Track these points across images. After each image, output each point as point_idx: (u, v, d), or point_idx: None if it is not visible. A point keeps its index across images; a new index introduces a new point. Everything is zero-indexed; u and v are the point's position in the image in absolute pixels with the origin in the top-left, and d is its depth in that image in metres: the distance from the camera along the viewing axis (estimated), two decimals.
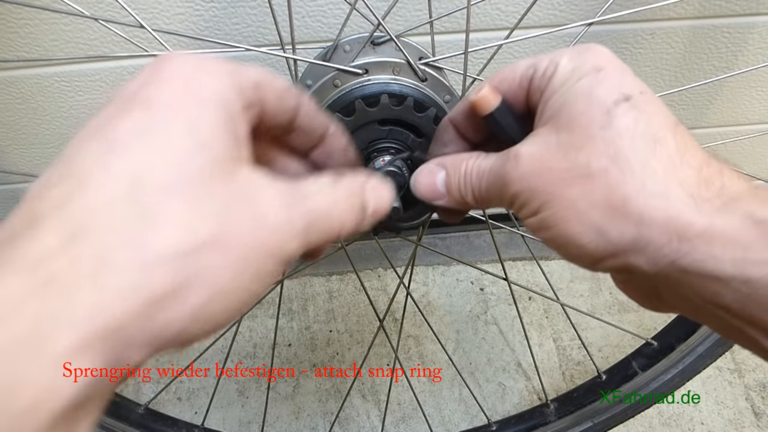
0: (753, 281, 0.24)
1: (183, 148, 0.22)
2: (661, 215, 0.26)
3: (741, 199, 0.26)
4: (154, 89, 0.23)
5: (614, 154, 0.27)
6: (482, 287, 1.03)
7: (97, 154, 0.22)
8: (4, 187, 0.86)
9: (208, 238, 0.22)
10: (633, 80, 0.29)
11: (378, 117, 0.42)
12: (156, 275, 0.20)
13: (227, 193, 0.23)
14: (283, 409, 0.91)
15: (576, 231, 0.28)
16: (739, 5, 0.72)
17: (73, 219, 0.20)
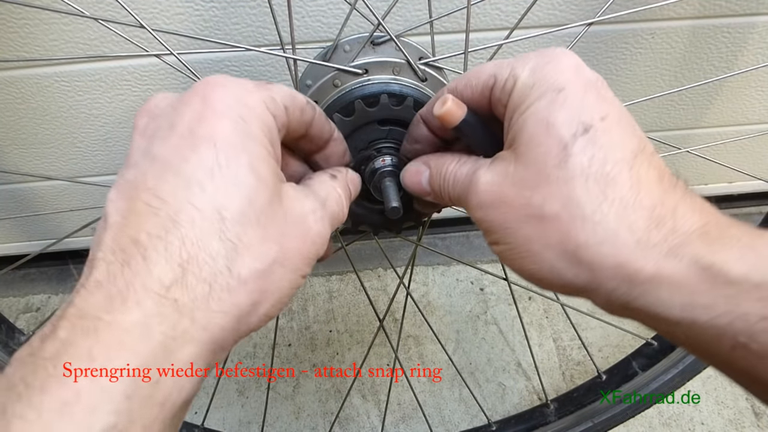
0: (699, 324, 0.25)
1: (249, 184, 0.27)
2: (610, 261, 0.27)
3: (689, 243, 0.26)
4: (211, 126, 0.27)
5: (567, 199, 0.28)
6: (482, 287, 1.03)
7: (178, 190, 0.26)
8: (4, 187, 0.86)
9: (274, 258, 0.27)
10: (595, 101, 0.29)
11: (378, 117, 0.42)
12: (242, 296, 0.26)
13: (281, 216, 0.28)
14: (283, 409, 0.91)
15: (532, 268, 0.30)
16: (739, 5, 0.72)
17: (179, 250, 0.25)
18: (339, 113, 0.41)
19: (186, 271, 0.25)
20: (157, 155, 0.27)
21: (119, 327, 0.23)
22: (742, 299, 0.24)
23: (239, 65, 0.71)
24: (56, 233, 0.95)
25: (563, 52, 0.30)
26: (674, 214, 0.27)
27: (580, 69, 0.30)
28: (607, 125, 0.28)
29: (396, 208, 0.39)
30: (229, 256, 0.26)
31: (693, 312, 0.25)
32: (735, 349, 0.25)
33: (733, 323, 0.24)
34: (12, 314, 1.00)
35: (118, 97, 0.73)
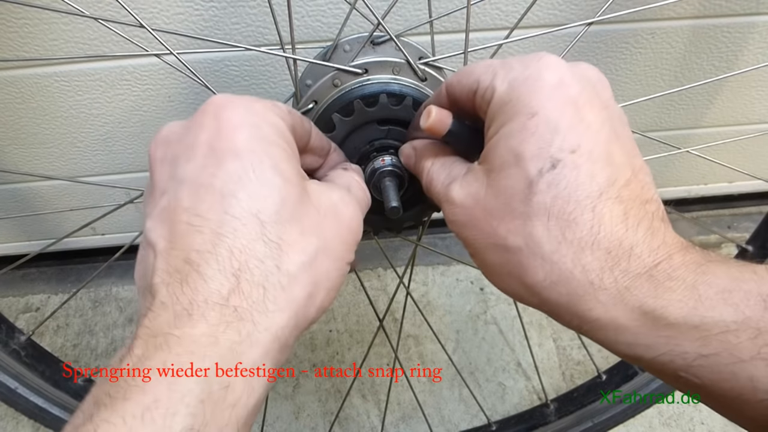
0: (644, 360, 0.28)
1: (278, 185, 0.28)
2: (564, 299, 0.29)
3: (635, 287, 0.27)
4: (230, 139, 0.28)
5: (528, 236, 0.29)
6: (482, 287, 1.03)
7: (215, 204, 0.27)
8: (4, 187, 0.86)
9: (316, 249, 0.29)
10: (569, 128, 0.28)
11: (377, 117, 0.42)
12: (296, 291, 0.28)
13: (313, 210, 0.29)
14: (282, 409, 0.91)
15: (500, 286, 0.32)
16: (739, 5, 0.72)
17: (229, 260, 0.26)
18: (338, 113, 0.41)
19: (240, 279, 0.26)
20: (185, 177, 0.28)
21: (189, 339, 0.25)
22: (681, 339, 0.26)
23: (239, 65, 0.71)
24: (56, 233, 0.95)
25: (547, 65, 0.29)
26: (630, 255, 0.28)
27: (561, 86, 0.29)
28: (576, 159, 0.28)
29: (396, 208, 0.39)
30: (275, 255, 0.27)
31: (637, 350, 0.28)
32: (678, 380, 0.27)
33: (673, 361, 0.26)
34: (12, 314, 1.00)
35: (117, 96, 0.73)
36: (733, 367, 0.25)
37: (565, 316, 0.29)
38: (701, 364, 0.26)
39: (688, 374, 0.26)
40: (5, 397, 0.61)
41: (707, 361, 0.25)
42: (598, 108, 0.29)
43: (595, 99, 0.30)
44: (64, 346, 0.96)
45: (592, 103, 0.29)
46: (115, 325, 0.99)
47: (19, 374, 0.61)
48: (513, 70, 0.30)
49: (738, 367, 0.25)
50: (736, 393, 0.25)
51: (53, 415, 0.63)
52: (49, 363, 0.64)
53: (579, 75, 0.30)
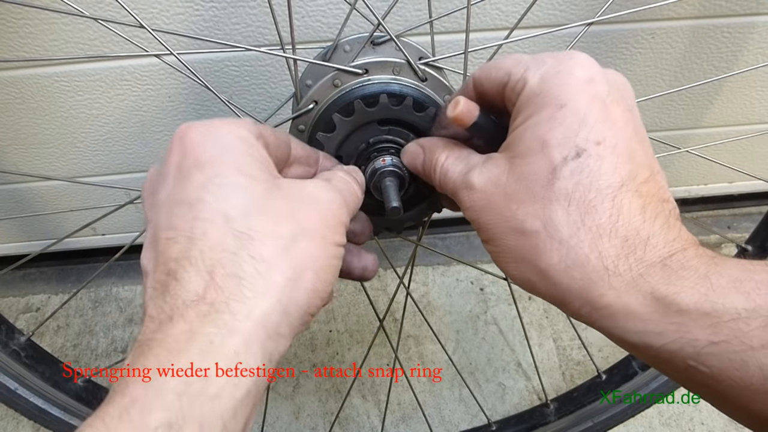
0: (653, 348, 0.28)
1: (242, 184, 0.29)
2: (577, 284, 0.29)
3: (649, 274, 0.28)
4: (193, 156, 0.29)
5: (547, 219, 0.29)
6: (482, 287, 1.03)
7: (185, 214, 0.28)
8: (4, 187, 0.86)
9: (291, 232, 0.29)
10: (596, 122, 0.29)
11: (378, 117, 0.42)
12: (274, 274, 0.28)
13: (285, 200, 0.30)
14: (283, 409, 0.91)
15: (511, 273, 0.32)
16: (739, 5, 0.72)
17: (201, 260, 0.27)
18: (339, 113, 0.41)
19: (213, 274, 0.27)
20: (161, 201, 0.30)
21: (168, 338, 0.26)
22: (692, 326, 0.26)
23: (239, 65, 0.71)
24: (56, 233, 0.95)
25: (579, 62, 0.31)
26: (646, 244, 0.28)
27: (591, 83, 0.30)
28: (600, 151, 0.29)
29: (396, 208, 0.39)
30: (246, 246, 0.28)
31: (646, 338, 0.28)
32: (687, 370, 0.27)
33: (683, 348, 0.26)
34: (12, 314, 1.00)
35: (117, 97, 0.73)
36: (743, 355, 0.25)
37: (574, 303, 0.29)
38: (711, 352, 0.26)
39: (697, 363, 0.26)
40: (5, 398, 0.61)
41: (717, 348, 0.25)
42: (623, 108, 0.30)
43: (621, 100, 0.31)
44: (64, 347, 0.96)
45: (618, 103, 0.30)
46: (115, 325, 0.99)
47: (19, 375, 0.61)
48: (545, 64, 0.31)
49: (748, 355, 0.25)
50: (745, 383, 0.25)
51: (53, 415, 0.63)
52: (49, 363, 0.64)
53: (607, 77, 0.31)
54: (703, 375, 0.26)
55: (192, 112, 0.76)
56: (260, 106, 0.76)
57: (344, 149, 0.43)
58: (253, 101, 0.75)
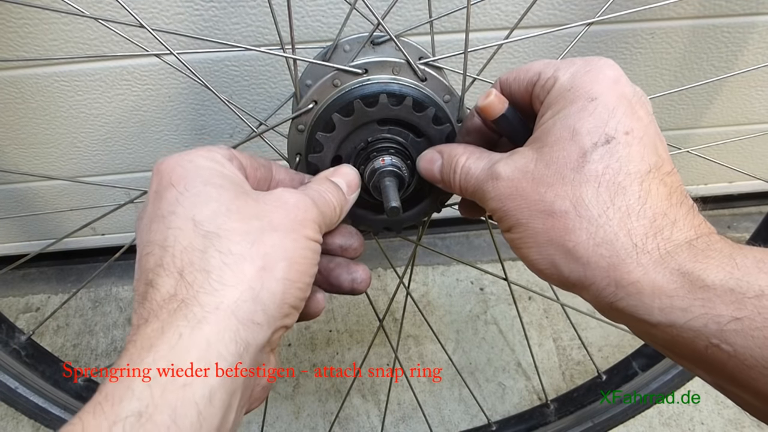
0: (677, 326, 0.28)
1: (210, 193, 0.31)
2: (605, 262, 0.30)
3: (677, 252, 0.29)
4: (167, 178, 0.31)
5: (577, 199, 0.30)
6: (482, 287, 1.03)
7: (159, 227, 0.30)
8: (4, 187, 0.86)
9: (259, 228, 0.30)
10: (624, 115, 0.31)
11: (377, 117, 0.42)
12: (244, 265, 0.29)
13: (253, 203, 0.31)
14: (282, 409, 0.91)
15: (535, 258, 0.32)
16: (739, 5, 0.72)
17: (173, 263, 0.29)
18: (338, 113, 0.41)
19: (183, 273, 0.28)
20: (142, 224, 0.32)
21: (143, 338, 0.27)
22: (717, 302, 0.27)
23: (239, 65, 0.71)
24: (56, 233, 0.95)
25: (608, 64, 0.33)
26: (673, 225, 0.29)
27: (618, 82, 0.32)
28: (629, 139, 0.31)
29: (396, 208, 0.39)
30: (215, 243, 0.29)
31: (671, 315, 0.28)
32: (708, 350, 0.27)
33: (707, 325, 0.27)
34: (12, 314, 1.00)
35: (117, 96, 0.73)
36: (765, 332, 0.25)
37: (599, 283, 0.30)
38: (734, 329, 0.26)
39: (720, 341, 0.26)
40: (5, 397, 0.61)
41: (740, 324, 0.26)
42: (646, 111, 0.32)
43: (643, 103, 0.33)
44: (64, 346, 0.96)
45: (641, 105, 0.32)
46: (115, 325, 0.99)
47: (19, 374, 0.61)
48: (574, 64, 0.33)
49: None
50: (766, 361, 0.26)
51: (53, 414, 0.63)
52: (50, 363, 0.64)
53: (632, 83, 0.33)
54: (724, 355, 0.27)
55: (192, 112, 0.77)
56: (260, 106, 0.76)
57: (343, 149, 0.43)
58: (253, 101, 0.75)
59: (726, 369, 0.27)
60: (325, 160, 0.42)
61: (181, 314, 0.27)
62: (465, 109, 0.44)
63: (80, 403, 0.65)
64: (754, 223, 0.69)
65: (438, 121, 0.42)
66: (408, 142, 0.43)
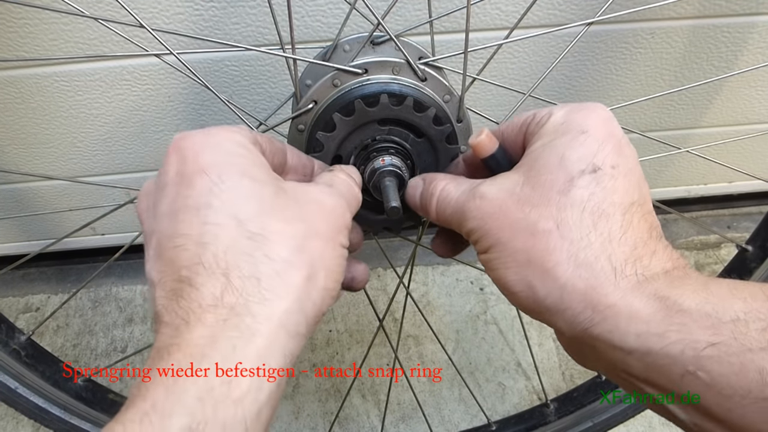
0: (653, 353, 0.27)
1: (249, 186, 0.29)
2: (582, 284, 0.29)
3: (654, 279, 0.29)
4: (195, 162, 0.29)
5: (560, 221, 0.30)
6: (482, 287, 1.03)
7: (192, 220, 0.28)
8: (4, 187, 0.86)
9: (305, 233, 0.30)
10: (611, 151, 0.32)
11: (378, 117, 0.42)
12: (292, 274, 0.28)
13: (293, 202, 0.30)
14: (282, 409, 0.91)
15: (511, 279, 0.32)
16: (739, 5, 0.72)
17: (216, 263, 0.27)
18: (339, 113, 0.41)
19: (229, 276, 0.27)
20: (163, 211, 0.29)
21: (188, 344, 0.25)
22: (693, 327, 0.26)
23: (239, 65, 0.71)
24: (56, 233, 0.95)
25: (601, 107, 0.34)
26: (652, 255, 0.30)
27: (609, 122, 0.33)
28: (614, 173, 0.31)
29: (396, 207, 0.39)
30: (262, 246, 0.28)
31: (647, 341, 0.27)
32: (684, 378, 0.26)
33: (683, 351, 0.26)
34: (12, 314, 1.00)
35: (117, 96, 0.73)
36: (742, 358, 0.25)
37: (575, 307, 0.30)
38: (711, 354, 0.26)
39: (696, 367, 0.26)
40: (5, 397, 0.61)
41: (717, 350, 0.26)
42: (632, 153, 0.33)
43: (630, 147, 0.33)
44: (64, 346, 0.96)
45: (628, 147, 0.33)
46: (115, 325, 0.99)
47: (19, 374, 0.61)
48: (568, 105, 0.34)
49: (747, 358, 0.25)
50: (744, 390, 0.25)
51: (53, 415, 0.63)
52: (49, 363, 0.64)
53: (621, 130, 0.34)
54: (701, 384, 0.26)
55: (192, 112, 0.77)
56: (260, 106, 0.76)
57: (344, 149, 0.43)
58: (253, 101, 0.75)
59: (703, 400, 0.26)
60: (325, 159, 0.43)
61: (232, 324, 0.26)
62: (465, 109, 0.44)
63: (80, 404, 0.65)
64: (754, 223, 0.69)
65: (438, 121, 0.42)
66: (408, 143, 0.43)
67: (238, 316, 0.26)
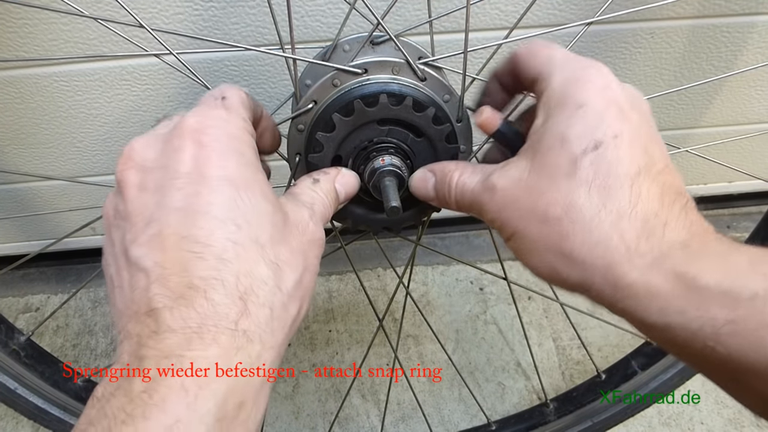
0: (673, 328, 0.28)
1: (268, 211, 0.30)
2: (601, 264, 0.30)
3: (671, 254, 0.29)
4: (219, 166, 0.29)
5: (569, 205, 0.31)
6: (482, 287, 1.03)
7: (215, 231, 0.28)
8: (4, 187, 0.86)
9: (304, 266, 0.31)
10: (613, 119, 0.31)
11: (377, 117, 0.42)
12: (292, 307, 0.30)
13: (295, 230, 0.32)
14: (282, 409, 0.91)
15: (535, 264, 0.33)
16: (739, 5, 0.72)
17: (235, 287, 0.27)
18: (338, 113, 0.41)
19: (247, 302, 0.27)
20: (177, 206, 0.28)
21: (204, 361, 0.25)
22: (711, 304, 0.27)
23: (238, 65, 0.71)
24: (55, 233, 0.95)
25: (599, 72, 0.33)
26: (664, 227, 0.30)
27: (607, 88, 0.32)
28: (617, 143, 0.31)
29: (396, 207, 0.39)
30: (276, 276, 0.29)
31: (668, 317, 0.28)
32: (705, 351, 0.27)
33: (702, 328, 0.27)
34: (11, 314, 1.00)
35: (117, 96, 0.73)
36: (759, 334, 0.26)
37: (597, 284, 0.30)
38: (729, 331, 0.26)
39: (715, 343, 0.27)
40: (5, 398, 0.61)
41: (735, 327, 0.26)
42: (638, 113, 0.33)
43: (635, 107, 0.33)
44: (63, 347, 0.96)
45: (633, 108, 0.33)
46: (114, 325, 0.98)
47: (18, 374, 0.61)
48: (567, 68, 0.33)
49: (765, 332, 0.26)
50: (761, 364, 0.26)
51: (53, 415, 0.63)
52: (49, 363, 0.64)
53: (623, 86, 0.34)
54: (720, 357, 0.27)
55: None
56: None
57: (344, 148, 0.43)
58: None
59: (725, 370, 0.27)
60: (325, 159, 0.42)
61: (245, 350, 0.27)
62: (465, 109, 0.44)
63: (80, 404, 0.65)
64: (754, 223, 0.69)
65: (438, 121, 0.42)
66: (408, 142, 0.43)
67: (250, 343, 0.27)
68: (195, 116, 0.30)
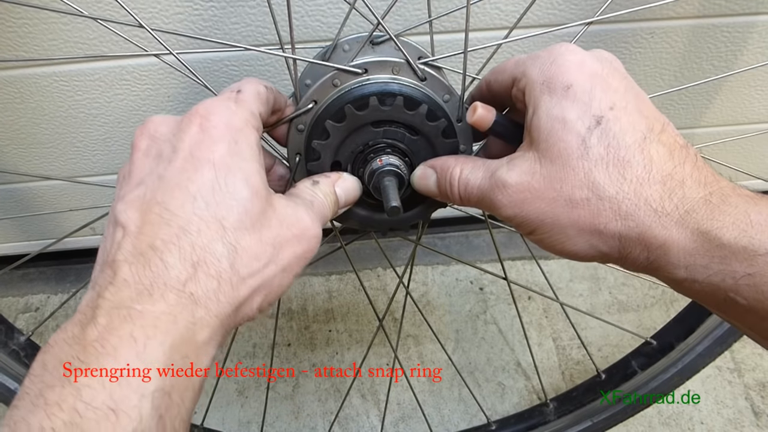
0: (698, 281, 0.31)
1: (245, 197, 0.31)
2: (634, 233, 0.32)
3: (694, 211, 0.31)
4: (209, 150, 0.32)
5: (592, 185, 0.32)
6: (482, 287, 1.03)
7: (186, 204, 0.30)
8: (3, 187, 0.86)
9: (269, 259, 0.32)
10: (602, 93, 0.33)
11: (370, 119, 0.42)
12: (242, 290, 0.31)
13: (276, 222, 0.33)
14: (282, 409, 0.91)
15: (571, 248, 0.34)
16: (739, 4, 0.72)
17: (189, 256, 0.29)
18: (331, 120, 0.41)
19: (197, 270, 0.29)
20: (164, 175, 0.31)
21: (151, 315, 0.28)
22: (731, 259, 0.29)
23: (238, 65, 0.71)
24: (55, 233, 0.95)
25: (567, 49, 0.34)
26: (683, 185, 0.31)
27: (584, 64, 0.34)
28: (615, 114, 0.32)
29: (396, 207, 0.39)
30: (230, 257, 0.30)
31: (694, 271, 0.31)
32: (726, 302, 0.30)
33: (724, 280, 0.30)
34: (11, 314, 1.00)
35: (117, 96, 0.73)
36: None
37: (635, 251, 0.32)
38: (747, 283, 0.29)
39: (735, 294, 0.29)
40: (5, 398, 0.61)
41: (752, 280, 0.29)
42: (620, 78, 0.34)
43: (615, 72, 0.34)
44: None
45: (613, 75, 0.34)
46: None
47: (18, 375, 0.61)
48: (539, 58, 0.34)
49: None
50: None
51: None
52: None
53: (596, 56, 0.35)
54: (740, 307, 0.30)
55: None
56: None
57: (341, 154, 0.43)
58: None
59: (745, 319, 0.30)
60: (324, 166, 0.43)
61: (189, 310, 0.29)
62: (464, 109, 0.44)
63: None
64: None
65: (432, 117, 0.42)
66: (404, 141, 0.43)
67: (195, 305, 0.29)
68: (207, 104, 0.33)
